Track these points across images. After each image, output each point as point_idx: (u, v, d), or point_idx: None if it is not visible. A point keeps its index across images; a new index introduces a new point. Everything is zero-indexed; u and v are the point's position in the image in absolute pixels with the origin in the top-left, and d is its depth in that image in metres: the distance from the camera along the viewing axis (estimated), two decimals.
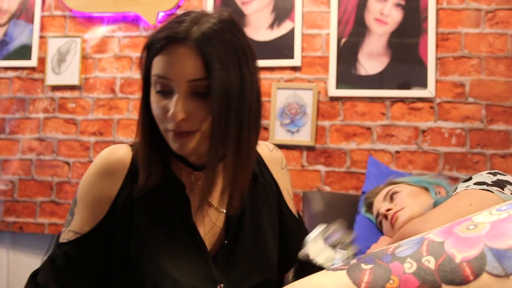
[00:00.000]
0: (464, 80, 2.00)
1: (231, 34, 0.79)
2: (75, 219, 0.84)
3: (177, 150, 0.81)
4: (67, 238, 0.83)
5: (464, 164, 1.97)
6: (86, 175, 0.86)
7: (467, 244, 0.44)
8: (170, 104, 0.78)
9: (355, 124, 2.06)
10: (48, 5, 2.34)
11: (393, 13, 2.05)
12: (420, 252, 0.47)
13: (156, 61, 0.79)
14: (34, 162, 2.29)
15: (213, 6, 2.18)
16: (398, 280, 0.46)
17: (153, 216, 0.84)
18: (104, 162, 0.85)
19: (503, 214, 0.45)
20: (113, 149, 0.87)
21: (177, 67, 0.77)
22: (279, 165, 1.02)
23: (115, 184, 0.84)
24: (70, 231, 0.83)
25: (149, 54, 0.81)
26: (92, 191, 0.84)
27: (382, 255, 0.50)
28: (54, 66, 2.29)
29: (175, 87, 0.78)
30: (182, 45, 0.76)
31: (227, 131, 0.78)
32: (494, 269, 0.42)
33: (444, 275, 0.44)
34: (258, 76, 0.85)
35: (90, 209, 0.83)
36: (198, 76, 0.76)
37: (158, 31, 0.80)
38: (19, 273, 2.31)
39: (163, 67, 0.77)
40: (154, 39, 0.80)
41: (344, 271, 0.52)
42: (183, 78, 0.77)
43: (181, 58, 0.77)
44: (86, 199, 0.84)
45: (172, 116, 0.77)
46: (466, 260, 0.43)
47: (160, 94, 0.79)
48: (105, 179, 0.84)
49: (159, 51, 0.78)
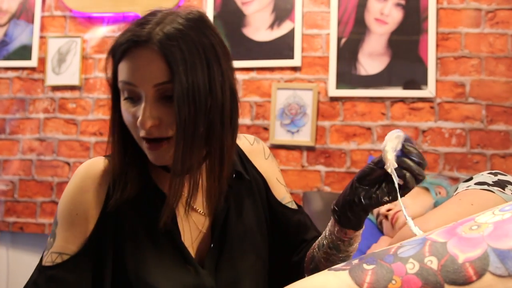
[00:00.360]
0: (465, 80, 2.00)
1: (198, 32, 0.75)
2: (57, 240, 0.79)
3: (153, 161, 0.77)
4: (51, 261, 0.78)
5: (464, 164, 1.97)
6: (65, 194, 0.81)
7: (470, 245, 0.44)
8: (138, 111, 0.73)
9: (355, 124, 2.06)
10: (48, 5, 2.33)
11: (393, 13, 2.05)
12: (422, 253, 0.47)
13: (121, 67, 0.75)
14: (35, 162, 2.29)
15: (213, 6, 2.18)
16: (400, 280, 0.46)
17: (136, 230, 0.81)
18: (83, 177, 0.81)
19: (506, 215, 0.45)
20: (90, 164, 0.83)
21: (141, 72, 0.73)
22: (261, 156, 0.99)
23: (98, 199, 0.80)
24: (53, 253, 0.78)
25: (114, 59, 0.77)
26: (74, 210, 0.79)
27: (384, 255, 0.50)
28: (54, 66, 2.29)
29: (142, 93, 0.73)
30: (145, 48, 0.73)
31: (194, 136, 0.73)
32: (497, 269, 0.42)
33: (446, 276, 0.44)
34: (231, 74, 0.81)
35: (73, 229, 0.79)
36: (163, 80, 0.72)
37: (121, 35, 0.76)
38: (19, 273, 2.31)
39: (128, 73, 0.74)
40: (116, 43, 0.75)
41: (346, 271, 0.52)
42: (148, 83, 0.73)
43: (144, 62, 0.73)
44: (67, 218, 0.79)
45: (140, 124, 0.72)
46: (469, 260, 0.43)
47: (129, 101, 0.75)
48: (86, 196, 0.80)
49: (122, 56, 0.74)
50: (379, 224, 1.35)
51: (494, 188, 0.93)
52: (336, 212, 0.81)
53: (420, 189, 1.29)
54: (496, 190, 0.92)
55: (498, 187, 0.94)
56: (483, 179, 0.99)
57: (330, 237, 0.84)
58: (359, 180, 0.76)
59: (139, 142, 0.78)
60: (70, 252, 0.78)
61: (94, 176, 0.81)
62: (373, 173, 0.75)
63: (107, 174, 0.81)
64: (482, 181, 0.98)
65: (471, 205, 0.90)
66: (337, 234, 0.83)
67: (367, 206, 0.76)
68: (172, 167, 0.74)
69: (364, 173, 0.76)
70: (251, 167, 0.96)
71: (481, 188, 0.95)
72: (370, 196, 0.75)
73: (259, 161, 0.98)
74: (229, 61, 0.81)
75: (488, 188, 0.94)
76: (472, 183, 0.99)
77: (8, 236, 2.34)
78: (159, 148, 0.75)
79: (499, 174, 1.03)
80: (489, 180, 0.98)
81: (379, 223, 1.35)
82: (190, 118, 0.72)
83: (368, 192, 0.75)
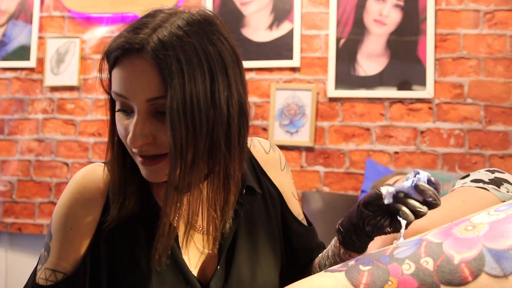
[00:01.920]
0: (463, 81, 2.00)
1: (201, 37, 0.66)
2: (51, 256, 0.73)
3: (147, 177, 0.70)
4: (44, 278, 0.73)
5: (463, 165, 1.97)
6: (60, 205, 0.75)
7: (465, 245, 0.44)
8: (130, 125, 0.66)
9: (354, 125, 2.06)
10: (47, 5, 2.33)
11: (392, 13, 2.05)
12: (418, 253, 0.47)
13: (114, 75, 0.67)
14: (33, 163, 2.29)
15: (212, 7, 2.18)
16: (396, 281, 0.46)
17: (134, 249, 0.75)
18: (79, 189, 0.74)
19: (501, 215, 0.45)
20: (88, 173, 0.75)
21: (133, 85, 0.65)
22: (277, 167, 0.90)
23: (94, 214, 0.74)
24: (47, 270, 0.73)
25: (109, 64, 0.69)
26: (68, 223, 0.73)
27: (380, 256, 0.50)
28: (53, 66, 2.28)
29: (134, 107, 0.66)
30: (137, 58, 0.64)
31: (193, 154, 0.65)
32: (493, 269, 0.42)
33: (442, 276, 0.44)
34: (241, 86, 0.71)
35: (67, 244, 0.73)
36: (156, 95, 0.64)
37: (115, 38, 0.68)
38: (18, 274, 2.31)
39: (120, 84, 0.66)
40: (109, 49, 0.68)
41: (342, 273, 0.52)
42: (141, 97, 0.65)
43: (136, 74, 0.65)
44: (62, 232, 0.73)
45: (130, 141, 0.65)
46: (465, 261, 0.43)
47: (122, 112, 0.68)
48: (82, 209, 0.73)
49: (114, 63, 0.67)
50: None
51: (489, 186, 0.93)
52: (341, 233, 0.76)
53: None
54: (491, 188, 0.92)
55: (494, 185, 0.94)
56: (480, 177, 0.98)
57: (333, 258, 0.80)
58: (365, 205, 0.71)
59: (133, 156, 0.71)
60: (64, 270, 0.73)
61: (91, 188, 0.74)
62: (378, 200, 0.69)
63: (104, 185, 0.75)
64: (478, 179, 0.97)
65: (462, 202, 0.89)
66: (342, 256, 0.78)
67: (370, 233, 0.71)
68: (167, 187, 0.67)
69: (370, 199, 0.70)
70: (266, 180, 0.88)
71: (476, 186, 0.94)
72: (374, 224, 0.69)
73: (275, 173, 0.89)
74: (239, 72, 0.72)
75: (483, 186, 0.93)
76: (468, 180, 0.99)
77: (6, 237, 2.34)
78: (155, 165, 0.68)
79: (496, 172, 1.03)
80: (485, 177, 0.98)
81: None
82: (188, 136, 0.64)
83: (372, 219, 0.70)
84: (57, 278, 0.73)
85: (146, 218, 0.75)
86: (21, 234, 2.31)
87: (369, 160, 1.95)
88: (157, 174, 0.69)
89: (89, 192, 0.74)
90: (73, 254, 0.74)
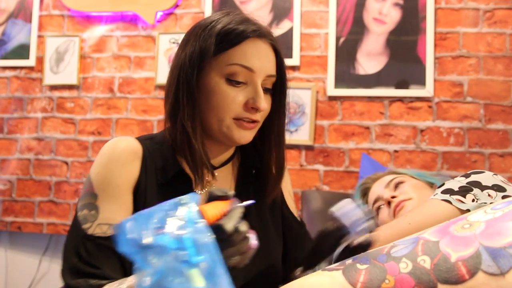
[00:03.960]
0: (463, 80, 2.00)
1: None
2: (102, 212, 0.78)
3: (238, 138, 0.83)
4: (101, 232, 0.77)
5: (463, 164, 1.97)
6: (100, 166, 0.81)
7: (462, 243, 0.44)
8: (250, 94, 0.81)
9: (354, 124, 2.06)
10: (46, 4, 2.33)
11: (392, 12, 2.05)
12: (415, 252, 0.47)
13: (239, 51, 0.80)
14: (33, 162, 2.29)
15: (211, 5, 2.18)
16: (393, 279, 0.46)
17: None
18: (120, 151, 0.81)
19: (497, 213, 0.45)
20: (122, 138, 0.84)
21: (261, 61, 0.81)
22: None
23: (134, 172, 0.81)
24: (102, 225, 0.77)
25: (221, 41, 0.80)
26: (114, 181, 0.79)
27: (378, 255, 0.50)
28: (52, 65, 2.28)
29: (254, 79, 0.81)
30: (264, 41, 0.82)
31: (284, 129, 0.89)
32: (490, 267, 0.42)
33: (439, 274, 0.44)
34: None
35: (117, 201, 0.79)
36: (273, 73, 0.83)
37: (233, 23, 0.82)
38: (18, 273, 2.31)
39: (250, 59, 0.80)
40: (232, 29, 0.81)
41: (339, 271, 0.52)
42: (264, 72, 0.81)
43: (265, 53, 0.82)
44: (108, 190, 0.79)
45: (259, 106, 0.80)
46: (462, 259, 0.43)
47: (232, 83, 0.81)
48: (124, 167, 0.80)
49: (241, 41, 0.80)
50: (375, 210, 1.29)
51: (454, 196, 0.97)
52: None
53: (424, 184, 1.24)
54: (454, 200, 0.96)
55: (461, 194, 0.97)
56: (451, 186, 1.02)
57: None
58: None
59: (222, 122, 0.81)
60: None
61: (129, 150, 0.82)
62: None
63: (139, 150, 0.83)
64: (448, 188, 1.01)
65: (408, 224, 0.96)
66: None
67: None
68: (277, 163, 0.89)
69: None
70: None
71: (442, 199, 0.98)
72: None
73: None
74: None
75: (448, 198, 0.97)
76: (439, 191, 1.02)
77: (6, 235, 2.34)
78: (252, 128, 0.84)
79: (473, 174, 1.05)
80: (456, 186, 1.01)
81: (375, 208, 1.29)
82: (282, 111, 0.87)
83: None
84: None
85: (173, 185, 0.83)
86: (20, 233, 2.31)
87: (364, 155, 1.95)
88: (251, 136, 0.85)
89: (128, 153, 0.82)
90: (124, 209, 0.79)
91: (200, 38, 0.81)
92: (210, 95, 0.81)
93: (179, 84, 0.82)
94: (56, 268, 2.26)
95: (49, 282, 2.26)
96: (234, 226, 0.56)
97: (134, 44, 2.25)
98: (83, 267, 0.74)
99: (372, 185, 1.35)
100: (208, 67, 0.81)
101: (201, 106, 0.82)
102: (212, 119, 0.81)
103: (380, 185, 1.30)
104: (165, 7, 2.20)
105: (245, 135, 0.83)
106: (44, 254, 2.27)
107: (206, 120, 0.82)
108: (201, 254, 0.45)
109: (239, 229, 0.57)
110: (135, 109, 2.23)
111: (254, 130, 0.84)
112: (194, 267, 0.45)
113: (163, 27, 2.23)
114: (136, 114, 2.22)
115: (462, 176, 1.06)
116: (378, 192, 1.28)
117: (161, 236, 0.46)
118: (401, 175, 1.29)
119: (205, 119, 0.82)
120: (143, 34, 2.24)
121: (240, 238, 0.57)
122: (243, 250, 0.58)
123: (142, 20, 2.23)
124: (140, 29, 2.25)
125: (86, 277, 0.73)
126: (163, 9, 2.21)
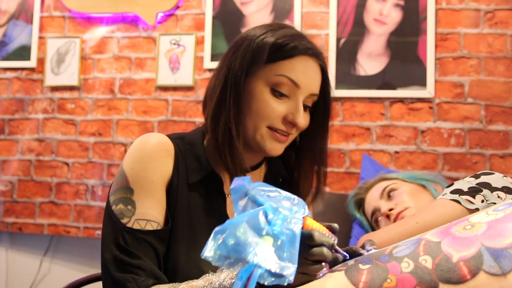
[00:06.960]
0: (463, 81, 2.00)
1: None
2: (140, 207, 0.79)
3: (270, 150, 0.85)
4: (140, 227, 0.78)
5: (463, 165, 1.97)
6: (134, 160, 0.82)
7: (464, 244, 0.44)
8: (290, 108, 0.83)
9: (354, 125, 2.06)
10: (47, 5, 2.34)
11: (392, 13, 2.05)
12: (417, 252, 0.47)
13: (290, 64, 0.82)
14: (34, 163, 2.29)
15: (212, 6, 2.18)
16: (395, 279, 0.46)
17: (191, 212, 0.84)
18: (151, 145, 0.83)
19: (499, 214, 0.45)
20: (154, 134, 0.86)
21: (308, 79, 0.83)
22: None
23: (168, 169, 0.83)
24: (140, 220, 0.78)
25: (276, 51, 0.82)
26: (149, 177, 0.80)
27: (380, 255, 0.50)
28: (53, 66, 2.29)
29: (297, 95, 0.83)
30: (314, 60, 0.85)
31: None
32: (491, 268, 0.42)
33: (441, 274, 0.44)
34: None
35: (153, 195, 0.80)
36: (316, 92, 0.86)
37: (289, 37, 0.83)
38: (18, 274, 2.31)
39: (298, 74, 0.82)
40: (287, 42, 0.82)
41: (342, 272, 0.52)
42: (308, 90, 0.84)
43: (313, 72, 0.84)
44: (144, 186, 0.80)
45: (298, 121, 0.83)
46: (463, 259, 0.43)
47: (276, 94, 0.83)
48: (158, 163, 0.82)
49: (295, 55, 0.82)
50: (374, 222, 1.29)
51: (464, 197, 0.96)
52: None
53: (418, 187, 1.23)
54: (464, 200, 0.95)
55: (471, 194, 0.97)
56: (460, 186, 1.02)
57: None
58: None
59: (258, 130, 0.83)
60: (157, 220, 0.80)
61: (162, 148, 0.83)
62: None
63: (171, 150, 0.84)
64: (458, 189, 1.01)
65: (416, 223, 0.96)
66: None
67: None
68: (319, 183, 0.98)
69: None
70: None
71: (451, 199, 0.98)
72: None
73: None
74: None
75: (458, 198, 0.97)
76: (448, 191, 1.02)
77: (7, 236, 2.34)
78: (285, 142, 0.86)
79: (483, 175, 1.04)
80: (466, 186, 1.00)
81: (374, 221, 1.29)
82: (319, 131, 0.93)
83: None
84: (153, 227, 0.79)
85: (205, 184, 0.86)
86: (21, 234, 2.31)
87: (365, 155, 1.95)
88: (281, 149, 0.87)
89: (161, 149, 0.83)
90: (158, 205, 0.81)
91: (253, 44, 0.83)
92: (252, 101, 0.82)
93: (227, 85, 0.83)
94: (57, 269, 2.27)
95: (50, 283, 2.26)
96: (321, 241, 0.54)
97: (135, 45, 2.25)
98: (125, 259, 0.76)
99: (365, 195, 1.33)
100: (256, 74, 0.83)
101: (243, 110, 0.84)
102: (248, 124, 0.84)
103: (374, 195, 1.28)
104: (165, 8, 2.21)
105: (276, 147, 0.85)
106: (45, 255, 2.28)
107: (243, 125, 0.84)
108: (282, 234, 0.48)
109: (323, 246, 0.55)
110: (135, 110, 2.23)
111: (285, 143, 0.86)
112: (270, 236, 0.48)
113: (163, 28, 2.23)
114: (136, 115, 2.23)
115: (472, 176, 1.05)
116: (374, 204, 1.27)
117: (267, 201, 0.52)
118: (392, 181, 1.27)
119: (243, 124, 0.84)
120: (143, 35, 2.25)
121: (318, 257, 0.55)
122: (312, 270, 0.55)
123: (143, 21, 2.24)
124: (140, 30, 2.25)
125: (130, 271, 0.75)
126: (163, 10, 2.21)
